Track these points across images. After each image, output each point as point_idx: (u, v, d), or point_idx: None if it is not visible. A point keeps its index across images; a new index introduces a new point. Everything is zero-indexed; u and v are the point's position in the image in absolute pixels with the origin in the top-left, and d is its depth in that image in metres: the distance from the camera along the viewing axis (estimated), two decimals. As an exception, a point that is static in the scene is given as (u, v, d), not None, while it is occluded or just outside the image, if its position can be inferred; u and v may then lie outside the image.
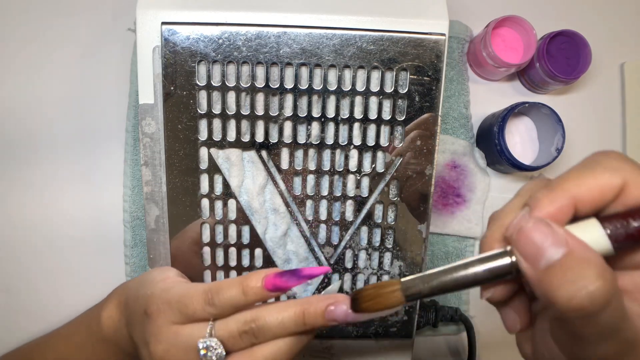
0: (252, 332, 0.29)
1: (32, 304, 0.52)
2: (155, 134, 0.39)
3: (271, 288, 0.29)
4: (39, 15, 0.52)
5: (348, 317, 0.28)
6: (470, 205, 0.53)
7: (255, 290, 0.29)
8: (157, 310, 0.31)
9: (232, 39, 0.37)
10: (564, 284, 0.19)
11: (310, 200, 0.40)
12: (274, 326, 0.29)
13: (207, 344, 0.29)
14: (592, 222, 0.21)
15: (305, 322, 0.29)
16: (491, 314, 0.55)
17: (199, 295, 0.30)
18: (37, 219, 0.51)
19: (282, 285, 0.29)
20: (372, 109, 0.38)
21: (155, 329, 0.31)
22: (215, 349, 0.29)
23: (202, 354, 0.29)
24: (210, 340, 0.29)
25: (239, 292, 0.29)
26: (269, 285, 0.29)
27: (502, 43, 0.52)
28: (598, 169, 0.22)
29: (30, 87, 0.52)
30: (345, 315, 0.28)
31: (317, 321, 0.29)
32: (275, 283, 0.29)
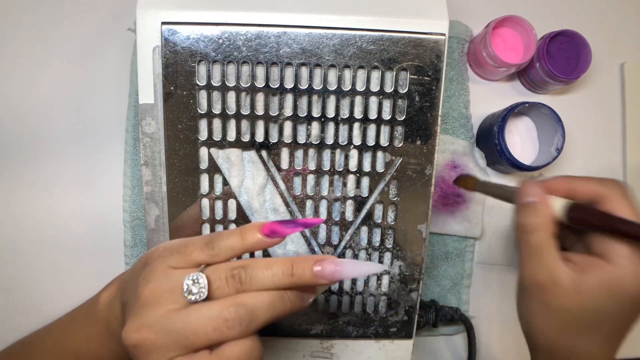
0: (239, 278, 0.29)
1: (32, 304, 0.52)
2: (155, 134, 0.39)
3: (268, 233, 0.30)
4: (39, 15, 0.52)
5: (336, 275, 0.29)
6: (470, 205, 0.53)
7: (252, 235, 0.30)
8: (157, 256, 0.31)
9: (232, 39, 0.37)
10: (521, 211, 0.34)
11: (310, 200, 0.40)
12: (261, 274, 0.29)
13: (193, 279, 0.28)
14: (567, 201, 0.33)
15: (293, 274, 0.29)
16: (491, 314, 0.55)
17: (200, 240, 0.30)
18: (37, 219, 0.51)
19: (278, 230, 0.30)
20: (372, 109, 0.38)
21: (148, 271, 0.30)
22: (199, 284, 0.28)
23: (185, 288, 0.28)
24: (198, 275, 0.29)
25: (237, 238, 0.30)
26: (266, 231, 0.30)
27: (502, 43, 0.52)
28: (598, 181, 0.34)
29: (31, 87, 0.52)
30: (333, 273, 0.29)
31: (306, 275, 0.29)
32: (272, 228, 0.30)
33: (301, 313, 0.42)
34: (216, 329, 0.27)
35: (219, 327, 0.27)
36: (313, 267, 0.29)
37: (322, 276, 0.29)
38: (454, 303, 0.54)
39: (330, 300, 0.42)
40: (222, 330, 0.27)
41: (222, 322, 0.27)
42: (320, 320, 0.42)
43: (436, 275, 0.54)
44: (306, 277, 0.29)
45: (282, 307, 0.29)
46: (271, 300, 0.29)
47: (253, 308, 0.28)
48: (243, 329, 0.28)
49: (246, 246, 0.30)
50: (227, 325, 0.27)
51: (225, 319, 0.27)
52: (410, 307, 0.42)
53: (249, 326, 0.28)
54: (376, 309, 0.42)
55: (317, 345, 0.43)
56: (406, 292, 0.42)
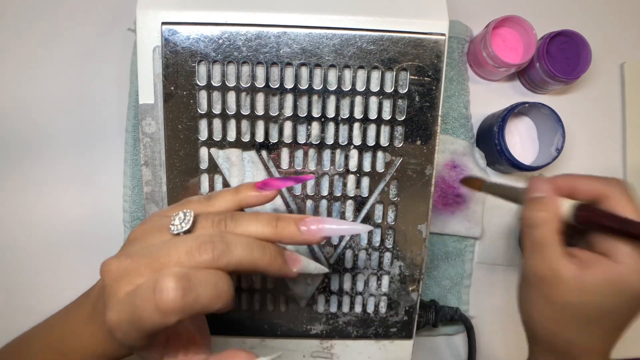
0: (225, 222, 0.29)
1: (32, 304, 0.52)
2: (156, 134, 0.39)
3: (260, 186, 0.31)
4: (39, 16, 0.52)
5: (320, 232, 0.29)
6: (470, 205, 0.53)
7: (246, 189, 0.31)
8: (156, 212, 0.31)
9: (232, 39, 0.37)
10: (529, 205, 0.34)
11: (310, 200, 0.40)
12: (246, 222, 0.29)
13: (182, 213, 0.28)
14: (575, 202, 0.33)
15: (276, 226, 0.29)
16: (491, 314, 0.55)
17: (197, 197, 0.31)
18: (37, 219, 0.51)
19: (270, 183, 0.31)
20: (372, 109, 0.38)
21: (145, 220, 0.31)
22: (185, 218, 0.28)
23: (171, 221, 0.28)
24: (186, 212, 0.28)
25: (231, 191, 0.31)
26: (260, 184, 0.31)
27: (502, 43, 0.52)
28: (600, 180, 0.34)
29: (31, 87, 0.52)
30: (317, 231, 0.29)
31: (290, 226, 0.29)
32: (265, 182, 0.31)
33: (301, 313, 0.42)
34: (188, 252, 0.26)
35: (191, 251, 0.26)
36: (299, 224, 0.29)
37: (307, 232, 0.29)
38: (454, 303, 0.54)
39: (330, 300, 0.42)
40: (193, 254, 0.26)
41: (196, 246, 0.27)
42: (320, 320, 0.42)
43: (436, 275, 0.54)
44: (289, 230, 0.29)
45: (260, 255, 0.28)
46: (249, 242, 0.28)
47: (230, 241, 0.27)
48: (215, 257, 0.27)
49: (240, 199, 0.31)
50: (200, 249, 0.26)
51: (199, 244, 0.27)
52: (410, 307, 0.42)
53: (221, 256, 0.27)
54: (376, 309, 0.42)
55: (317, 345, 0.43)
56: (406, 292, 0.42)
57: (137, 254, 0.28)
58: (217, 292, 0.26)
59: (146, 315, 0.25)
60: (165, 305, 0.25)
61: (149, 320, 0.25)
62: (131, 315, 0.26)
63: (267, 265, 0.29)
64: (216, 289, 0.26)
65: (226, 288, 0.27)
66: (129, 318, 0.26)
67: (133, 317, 0.25)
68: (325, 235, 0.30)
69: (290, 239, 0.29)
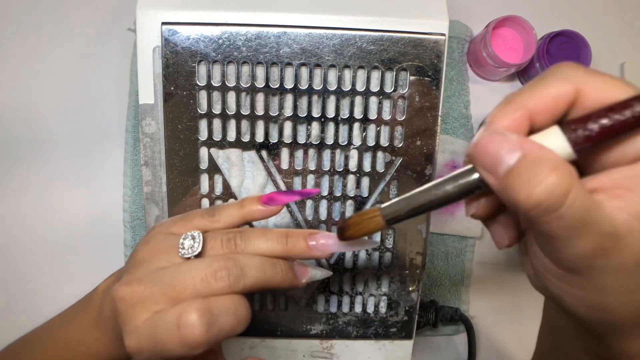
0: (234, 241, 0.29)
1: (32, 304, 0.52)
2: (156, 134, 0.39)
3: (266, 201, 0.31)
4: (39, 15, 0.52)
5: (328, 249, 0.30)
6: (470, 205, 0.53)
7: (250, 204, 0.31)
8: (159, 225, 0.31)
9: (232, 39, 0.37)
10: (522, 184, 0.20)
11: (310, 200, 0.40)
12: (256, 240, 0.29)
13: (191, 235, 0.29)
14: (553, 129, 0.22)
15: (287, 243, 0.29)
16: (491, 314, 0.55)
17: (201, 210, 0.31)
18: (37, 219, 0.51)
19: (275, 198, 0.31)
20: (372, 109, 0.38)
21: (149, 237, 0.30)
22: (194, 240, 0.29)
23: (180, 244, 0.29)
24: (194, 233, 0.29)
25: (236, 206, 0.31)
26: (264, 199, 0.31)
27: (502, 43, 0.52)
28: (550, 79, 0.22)
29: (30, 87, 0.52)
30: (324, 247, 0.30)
31: (299, 243, 0.30)
32: (269, 197, 0.31)
33: (301, 313, 0.42)
34: (204, 280, 0.27)
35: (206, 278, 0.27)
36: (307, 238, 0.30)
37: (315, 247, 0.30)
38: (454, 303, 0.54)
39: (330, 300, 0.42)
40: (209, 281, 0.27)
41: (211, 273, 0.27)
42: (320, 320, 0.42)
43: (436, 275, 0.54)
44: (300, 247, 0.30)
45: (273, 274, 0.29)
46: (262, 263, 0.29)
47: (243, 265, 0.28)
48: (231, 283, 0.27)
49: (245, 213, 0.31)
50: (215, 276, 0.27)
51: (214, 270, 0.27)
52: (410, 307, 0.42)
53: (237, 281, 0.27)
54: (376, 309, 0.42)
55: (317, 345, 0.43)
56: (406, 292, 0.42)
57: (149, 280, 0.28)
58: (238, 318, 0.27)
59: (171, 347, 0.26)
60: (192, 341, 0.25)
61: (173, 352, 0.26)
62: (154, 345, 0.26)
63: (280, 282, 0.29)
64: (237, 316, 0.27)
65: (245, 313, 0.28)
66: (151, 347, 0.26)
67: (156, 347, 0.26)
68: (333, 250, 0.30)
69: (300, 255, 0.30)
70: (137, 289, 0.27)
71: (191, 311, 0.26)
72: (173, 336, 0.25)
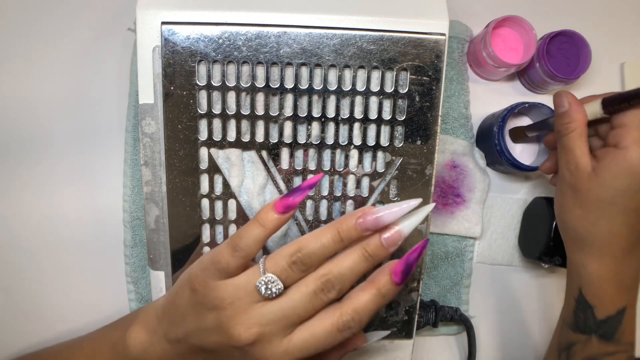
0: (300, 261, 0.31)
1: (32, 304, 0.52)
2: (155, 134, 0.39)
3: (282, 210, 0.32)
4: (38, 15, 0.52)
5: (378, 222, 0.31)
6: (470, 205, 0.53)
7: (270, 219, 0.32)
8: (202, 280, 0.33)
9: (232, 39, 0.37)
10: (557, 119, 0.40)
11: (310, 200, 0.40)
12: (317, 249, 0.31)
13: (264, 280, 0.31)
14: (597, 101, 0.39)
15: (342, 239, 0.31)
16: (491, 314, 0.55)
17: (225, 248, 0.32)
18: (37, 219, 0.51)
19: (290, 204, 0.32)
20: (372, 108, 0.38)
21: (213, 292, 0.32)
22: (274, 282, 0.31)
23: (264, 291, 0.31)
24: (266, 276, 0.31)
25: (257, 227, 0.32)
26: (280, 208, 0.32)
27: (502, 43, 0.52)
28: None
29: (30, 87, 0.52)
30: (375, 222, 0.31)
31: (352, 234, 0.31)
32: (284, 204, 0.32)
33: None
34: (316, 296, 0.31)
35: (317, 295, 0.31)
36: (356, 225, 0.31)
37: (366, 228, 0.31)
38: (454, 303, 0.54)
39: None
40: (320, 297, 0.31)
41: (319, 289, 0.31)
42: (320, 320, 0.42)
43: (436, 275, 0.54)
44: (354, 236, 0.32)
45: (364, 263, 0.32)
46: (352, 261, 0.31)
47: (337, 272, 0.31)
48: (339, 289, 0.31)
49: (269, 231, 0.32)
50: (324, 290, 0.31)
51: (320, 288, 0.31)
52: (410, 307, 0.42)
53: (343, 285, 0.31)
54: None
55: (317, 345, 0.43)
56: (406, 292, 0.42)
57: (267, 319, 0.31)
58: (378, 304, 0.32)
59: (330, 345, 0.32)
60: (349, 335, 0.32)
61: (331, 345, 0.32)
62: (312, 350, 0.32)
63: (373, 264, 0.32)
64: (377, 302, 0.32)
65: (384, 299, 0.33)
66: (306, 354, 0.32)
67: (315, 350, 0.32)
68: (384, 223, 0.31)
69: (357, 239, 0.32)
70: (262, 330, 0.31)
71: (344, 316, 0.31)
72: (334, 338, 0.31)
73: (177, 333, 0.35)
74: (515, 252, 0.55)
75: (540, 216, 0.51)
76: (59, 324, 0.51)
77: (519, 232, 0.55)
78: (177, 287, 0.35)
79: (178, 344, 0.35)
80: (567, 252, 0.43)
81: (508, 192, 0.55)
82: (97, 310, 0.52)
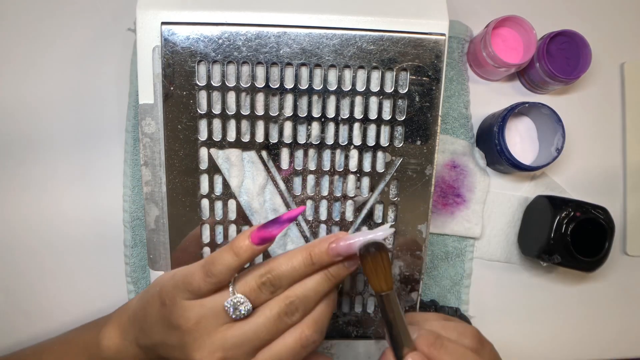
0: (270, 282, 0.31)
1: (32, 304, 0.52)
2: (155, 134, 0.39)
3: (258, 242, 0.31)
4: (39, 15, 0.52)
5: (351, 248, 0.31)
6: (470, 205, 0.53)
7: (245, 249, 0.31)
8: (172, 296, 0.33)
9: (232, 39, 0.37)
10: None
11: (310, 200, 0.40)
12: (287, 271, 0.31)
13: (233, 302, 0.31)
14: None
15: (313, 262, 0.31)
16: (491, 314, 0.55)
17: (198, 271, 0.32)
18: (37, 219, 0.51)
19: (267, 236, 0.31)
20: (372, 109, 0.38)
21: (179, 310, 0.32)
22: (242, 303, 0.31)
23: (232, 312, 0.31)
24: (235, 297, 0.31)
25: (231, 256, 0.31)
26: (255, 239, 0.31)
27: (502, 43, 0.52)
28: None
29: (30, 87, 0.52)
30: (347, 247, 0.31)
31: (323, 259, 0.32)
32: (260, 236, 0.31)
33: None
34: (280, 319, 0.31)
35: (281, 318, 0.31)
36: (328, 250, 0.31)
37: (338, 254, 0.31)
38: (454, 303, 0.54)
39: (330, 300, 0.42)
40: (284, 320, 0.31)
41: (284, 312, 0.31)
42: (320, 321, 0.42)
43: (436, 275, 0.54)
44: (325, 260, 0.32)
45: (327, 284, 0.32)
46: (316, 284, 0.32)
47: (300, 294, 0.31)
48: (303, 311, 0.31)
49: (242, 261, 0.31)
50: (287, 313, 0.31)
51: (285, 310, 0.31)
52: (410, 307, 0.42)
53: (306, 307, 0.31)
54: (376, 309, 0.42)
55: (317, 346, 0.43)
56: (406, 292, 0.42)
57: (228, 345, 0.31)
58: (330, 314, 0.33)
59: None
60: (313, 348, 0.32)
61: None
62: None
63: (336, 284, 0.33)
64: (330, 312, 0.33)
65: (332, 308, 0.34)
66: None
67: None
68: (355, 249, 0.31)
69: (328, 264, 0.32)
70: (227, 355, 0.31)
71: (306, 331, 0.31)
72: (299, 354, 0.31)
73: (146, 342, 0.35)
74: (514, 249, 0.55)
75: (541, 215, 0.51)
76: (59, 323, 0.51)
77: (519, 230, 0.55)
78: (149, 293, 0.35)
79: (148, 350, 0.36)
80: None
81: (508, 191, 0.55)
82: (97, 310, 0.52)
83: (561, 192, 0.55)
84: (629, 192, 0.56)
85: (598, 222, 0.48)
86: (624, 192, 0.56)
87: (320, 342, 0.32)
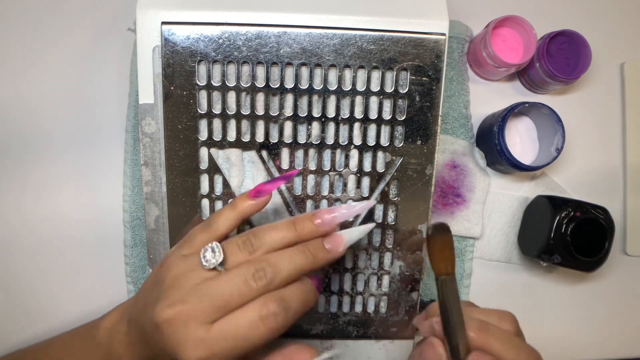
0: (250, 242, 0.31)
1: (32, 304, 0.52)
2: (155, 134, 0.39)
3: (254, 194, 0.33)
4: (38, 16, 0.52)
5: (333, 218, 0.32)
6: (470, 205, 0.53)
7: (241, 201, 0.33)
8: (170, 253, 0.33)
9: (232, 38, 0.37)
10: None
11: (310, 200, 0.40)
12: (269, 236, 0.31)
13: (207, 249, 0.31)
14: None
15: (295, 229, 0.32)
16: (491, 314, 0.55)
17: (199, 226, 0.33)
18: (37, 219, 0.51)
19: (262, 189, 0.33)
20: (373, 108, 0.38)
21: (166, 264, 0.32)
22: (215, 251, 0.30)
23: (203, 259, 0.30)
24: (212, 244, 0.31)
25: (229, 209, 0.33)
26: (252, 193, 0.33)
27: (502, 43, 0.52)
28: None
29: (31, 87, 0.52)
30: (329, 213, 0.32)
31: (306, 224, 0.32)
32: (257, 189, 0.33)
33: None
34: (245, 283, 0.29)
35: (247, 282, 0.29)
36: (313, 219, 0.32)
37: (322, 224, 0.32)
38: (454, 303, 0.54)
39: (330, 300, 0.42)
40: (250, 284, 0.29)
41: (250, 276, 0.29)
42: (320, 320, 0.42)
43: (436, 275, 0.54)
44: (309, 229, 0.32)
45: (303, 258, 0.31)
46: (290, 254, 0.31)
47: (273, 262, 0.30)
48: (269, 280, 0.30)
49: (239, 213, 0.33)
50: (254, 277, 0.29)
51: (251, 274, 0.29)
52: (410, 307, 0.42)
53: (274, 277, 0.30)
54: (376, 309, 0.42)
55: (317, 345, 0.43)
56: (406, 292, 0.42)
57: (192, 298, 0.29)
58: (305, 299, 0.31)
59: (254, 340, 0.29)
60: (275, 328, 0.29)
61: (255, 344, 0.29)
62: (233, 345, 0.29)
63: (314, 263, 0.31)
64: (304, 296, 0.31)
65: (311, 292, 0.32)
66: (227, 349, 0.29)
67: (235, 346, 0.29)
68: (339, 220, 0.32)
69: (311, 235, 0.32)
70: (184, 308, 0.29)
71: (269, 303, 0.29)
72: (258, 329, 0.29)
73: (134, 313, 0.34)
74: (514, 249, 0.55)
75: (541, 215, 0.51)
76: (59, 323, 0.51)
77: (519, 230, 0.55)
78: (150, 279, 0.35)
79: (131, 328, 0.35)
80: None
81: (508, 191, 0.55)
82: (97, 310, 0.51)
83: (561, 192, 0.55)
84: (629, 192, 0.56)
85: (598, 222, 0.48)
86: (624, 192, 0.56)
87: (285, 324, 0.30)
